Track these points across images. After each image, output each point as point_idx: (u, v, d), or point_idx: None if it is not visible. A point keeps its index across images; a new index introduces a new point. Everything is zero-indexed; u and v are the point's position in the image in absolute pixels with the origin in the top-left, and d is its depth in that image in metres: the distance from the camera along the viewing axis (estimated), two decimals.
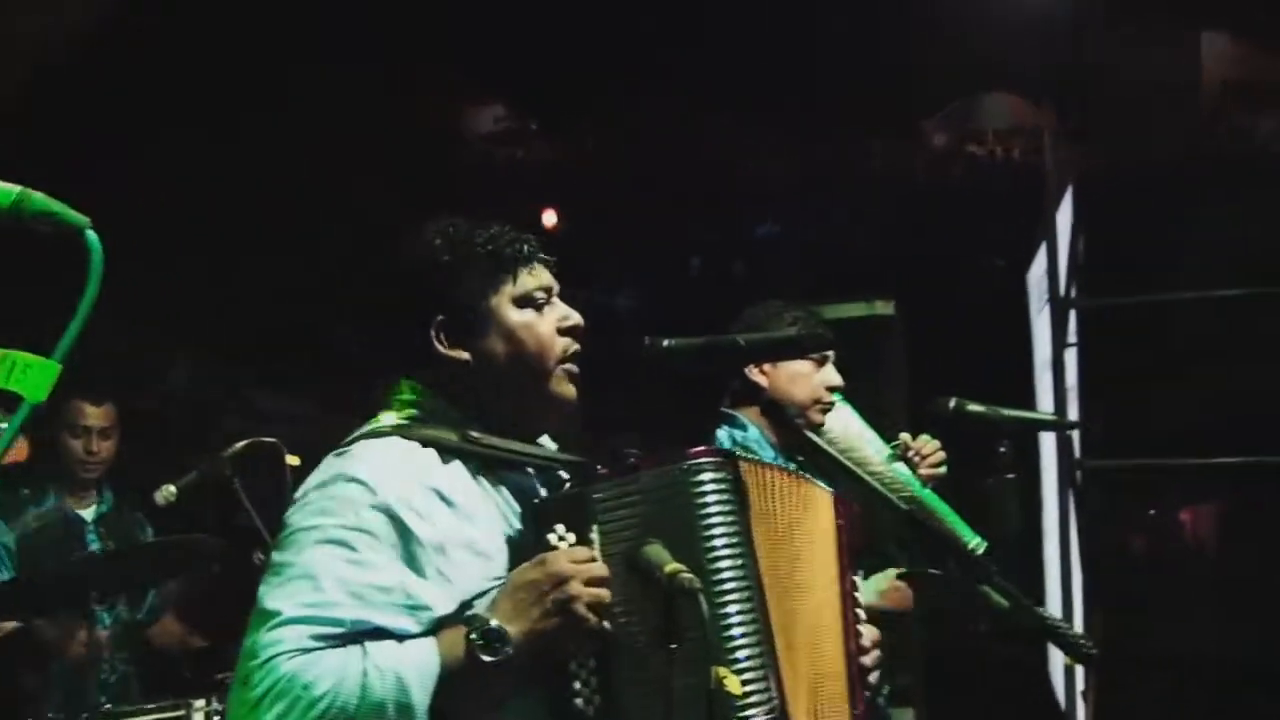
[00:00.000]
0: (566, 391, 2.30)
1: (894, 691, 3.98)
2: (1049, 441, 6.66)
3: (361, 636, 2.04)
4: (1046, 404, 6.46)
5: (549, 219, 8.09)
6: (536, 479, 2.29)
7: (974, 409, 3.63)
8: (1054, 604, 6.31)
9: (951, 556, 2.49)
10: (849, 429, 3.71)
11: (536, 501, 2.20)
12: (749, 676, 2.10)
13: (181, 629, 5.23)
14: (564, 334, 2.30)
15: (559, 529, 2.13)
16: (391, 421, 2.25)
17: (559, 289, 2.35)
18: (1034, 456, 7.09)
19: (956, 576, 2.43)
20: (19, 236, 1.58)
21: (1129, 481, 6.96)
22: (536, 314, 2.29)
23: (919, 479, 3.70)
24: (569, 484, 2.23)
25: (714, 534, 2.15)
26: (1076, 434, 6.23)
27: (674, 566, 2.03)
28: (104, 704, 4.65)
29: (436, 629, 2.08)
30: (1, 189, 1.59)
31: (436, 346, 2.26)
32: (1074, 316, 6.43)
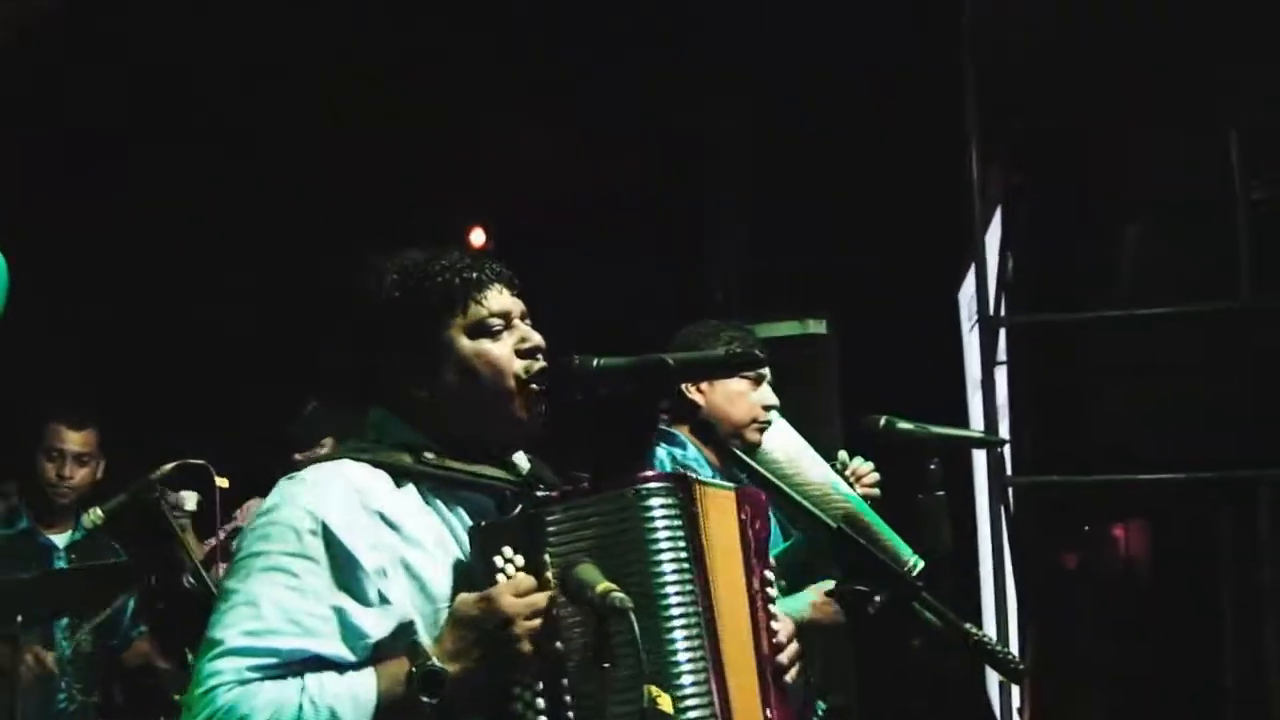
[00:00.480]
0: (527, 410, 2.31)
1: (830, 710, 3.99)
2: (980, 459, 6.70)
3: (300, 665, 2.06)
4: (979, 422, 6.50)
5: (477, 238, 8.04)
6: (493, 500, 2.30)
7: (904, 427, 3.67)
8: (989, 620, 6.35)
9: (884, 572, 2.49)
10: (788, 446, 3.73)
11: (484, 524, 2.21)
12: (694, 703, 2.12)
13: (150, 649, 5.19)
14: (523, 356, 2.31)
15: (506, 552, 2.14)
16: (350, 446, 2.28)
17: (522, 310, 2.37)
18: (967, 474, 7.13)
19: (888, 592, 2.43)
20: None
21: (1061, 498, 7.00)
22: (492, 340, 2.30)
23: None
24: (520, 506, 2.23)
25: (662, 558, 2.16)
26: (1008, 451, 6.28)
27: (605, 586, 2.03)
28: None
29: (376, 656, 2.10)
30: None
31: (398, 382, 2.29)
32: (1003, 334, 6.48)
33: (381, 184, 7.52)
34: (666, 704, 1.99)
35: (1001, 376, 6.43)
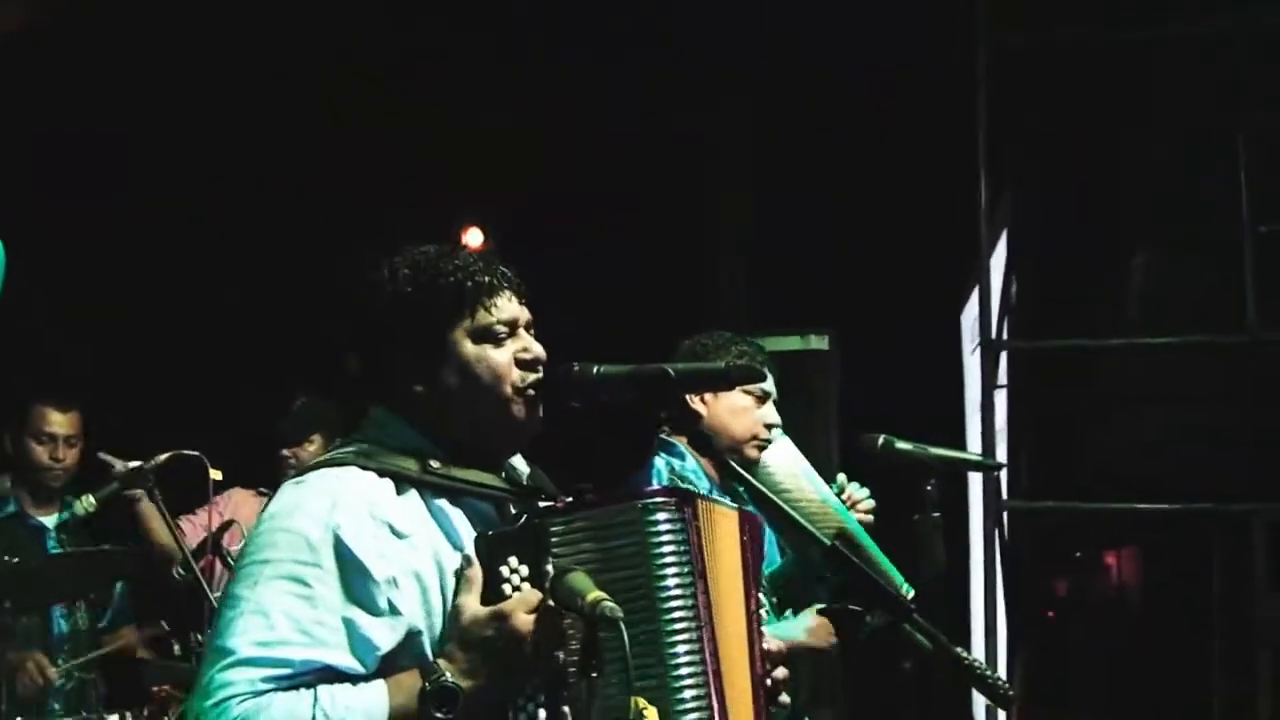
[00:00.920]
0: (523, 418, 2.30)
1: None
2: (976, 482, 6.70)
3: (312, 676, 2.06)
4: (977, 445, 6.50)
5: (473, 238, 8.01)
6: (493, 505, 2.31)
7: (902, 446, 3.66)
8: (978, 644, 6.33)
9: (876, 592, 2.48)
10: (788, 464, 3.72)
11: (490, 534, 2.20)
12: (694, 717, 2.13)
13: (134, 639, 5.18)
14: (523, 366, 2.31)
15: (512, 562, 2.14)
16: (352, 448, 2.27)
17: (528, 320, 2.36)
18: (962, 497, 7.13)
19: (880, 613, 2.42)
20: None
21: (1054, 524, 7.00)
22: (495, 347, 2.30)
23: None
24: (525, 516, 2.23)
25: (667, 573, 2.16)
26: (1004, 475, 6.28)
27: (596, 595, 2.02)
28: (59, 711, 4.61)
29: (386, 667, 2.10)
30: None
31: (399, 377, 2.29)
32: (1005, 358, 6.47)
33: (381, 184, 7.51)
34: (653, 716, 1.99)
35: (1001, 400, 6.43)
